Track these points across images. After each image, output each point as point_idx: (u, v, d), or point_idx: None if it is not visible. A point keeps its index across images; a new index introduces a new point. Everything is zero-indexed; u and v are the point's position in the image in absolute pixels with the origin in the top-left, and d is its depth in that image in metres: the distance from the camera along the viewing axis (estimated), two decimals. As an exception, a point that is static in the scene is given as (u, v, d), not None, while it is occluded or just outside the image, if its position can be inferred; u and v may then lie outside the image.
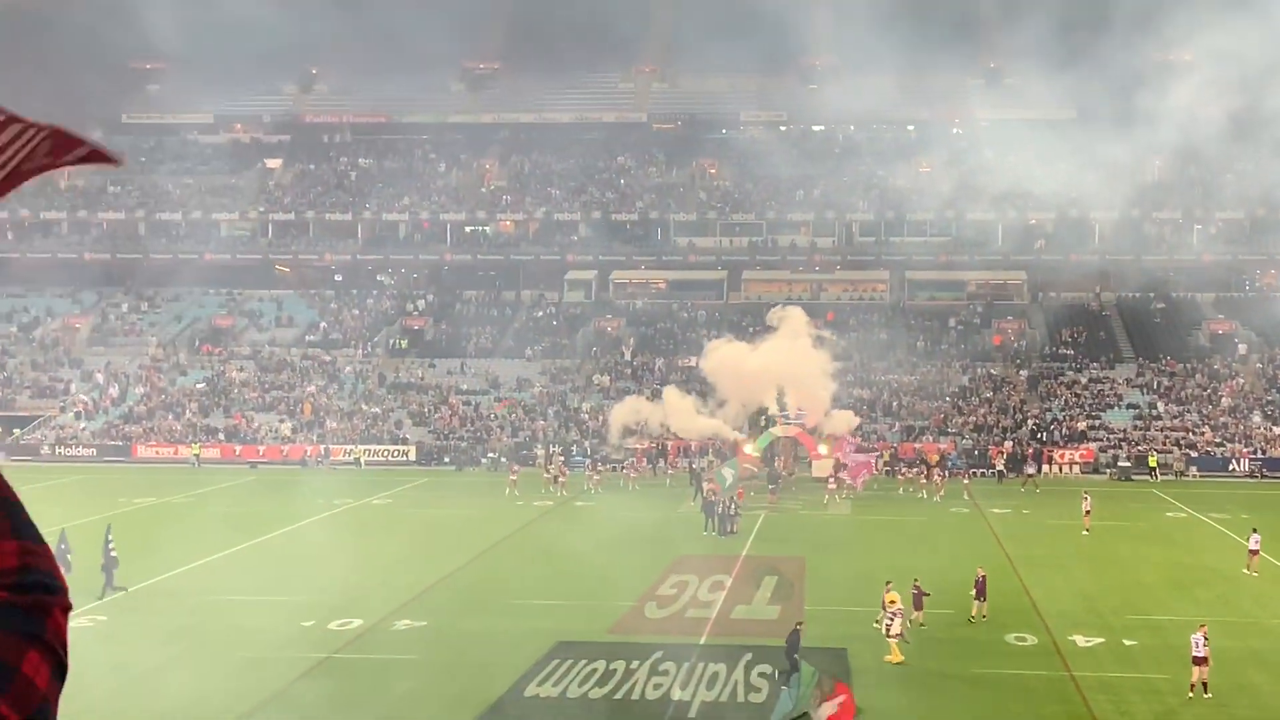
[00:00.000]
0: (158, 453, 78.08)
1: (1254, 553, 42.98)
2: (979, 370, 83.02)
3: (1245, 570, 42.76)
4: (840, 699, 20.16)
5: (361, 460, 75.41)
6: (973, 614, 36.24)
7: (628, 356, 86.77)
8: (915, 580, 36.92)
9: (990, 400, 79.67)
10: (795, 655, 29.65)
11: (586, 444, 75.67)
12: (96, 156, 2.18)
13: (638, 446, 72.21)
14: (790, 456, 68.32)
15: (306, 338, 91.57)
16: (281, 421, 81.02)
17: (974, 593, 36.51)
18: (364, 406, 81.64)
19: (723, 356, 68.64)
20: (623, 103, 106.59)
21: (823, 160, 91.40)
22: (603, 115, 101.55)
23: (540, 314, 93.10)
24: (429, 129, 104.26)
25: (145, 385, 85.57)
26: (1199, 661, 29.52)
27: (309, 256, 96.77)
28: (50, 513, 46.85)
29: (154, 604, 39.20)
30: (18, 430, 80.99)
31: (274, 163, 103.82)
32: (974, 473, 69.29)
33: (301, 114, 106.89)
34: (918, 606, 36.16)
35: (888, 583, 35.22)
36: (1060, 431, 75.57)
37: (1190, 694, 29.40)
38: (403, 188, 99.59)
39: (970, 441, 75.02)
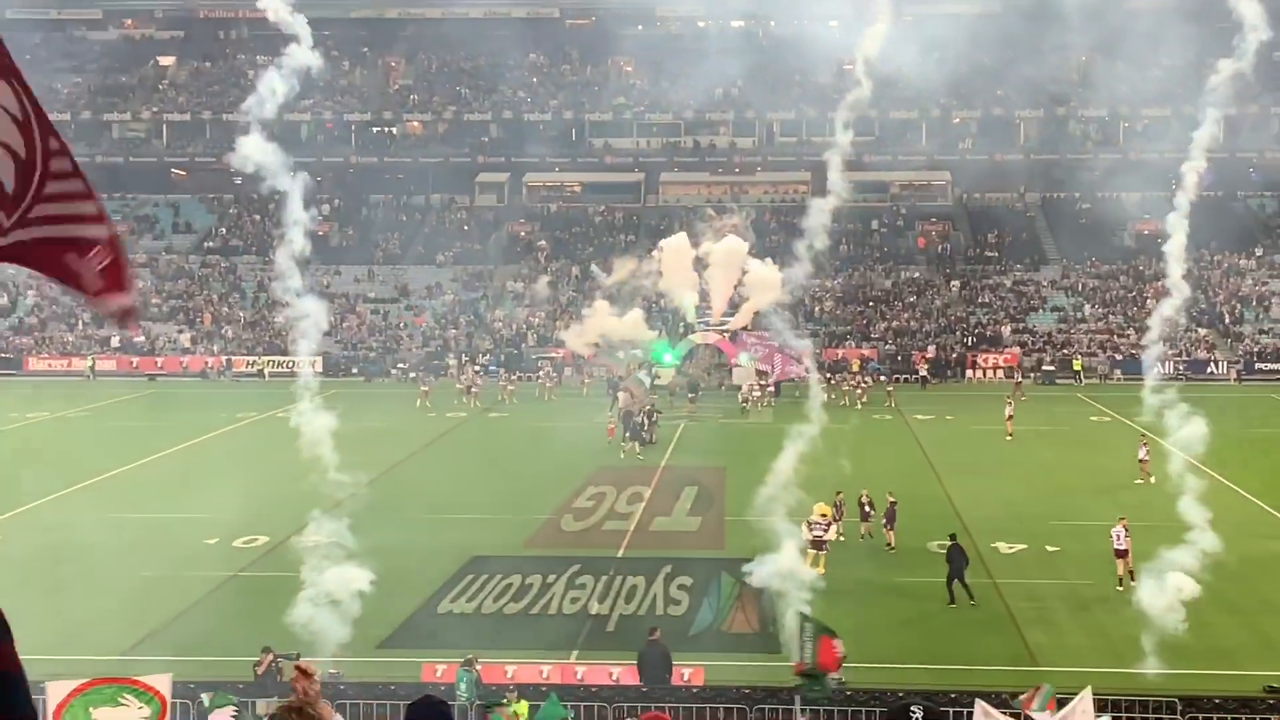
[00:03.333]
0: (50, 365, 75.25)
1: (1143, 461, 42.06)
2: (902, 274, 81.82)
3: (1138, 480, 41.67)
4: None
5: (265, 372, 73.00)
6: (887, 542, 35.04)
7: (541, 262, 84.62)
8: (864, 492, 36.38)
9: (914, 304, 78.55)
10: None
11: (500, 353, 73.71)
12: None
13: (552, 354, 70.37)
14: (710, 363, 66.92)
15: (205, 244, 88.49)
16: (180, 332, 78.29)
17: (884, 521, 35.19)
18: (266, 315, 78.97)
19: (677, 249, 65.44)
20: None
21: (742, 57, 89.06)
22: (514, 10, 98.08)
23: (451, 218, 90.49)
24: (332, 24, 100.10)
25: (36, 294, 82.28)
26: (1120, 554, 30.49)
27: (206, 159, 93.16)
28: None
29: (50, 522, 37.81)
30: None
31: (167, 60, 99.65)
32: (897, 378, 68.17)
33: (195, 9, 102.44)
34: (864, 519, 35.41)
35: (837, 493, 34.24)
36: (984, 335, 74.72)
37: (1119, 587, 30.10)
38: (304, 87, 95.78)
39: (893, 347, 73.92)
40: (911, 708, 4.96)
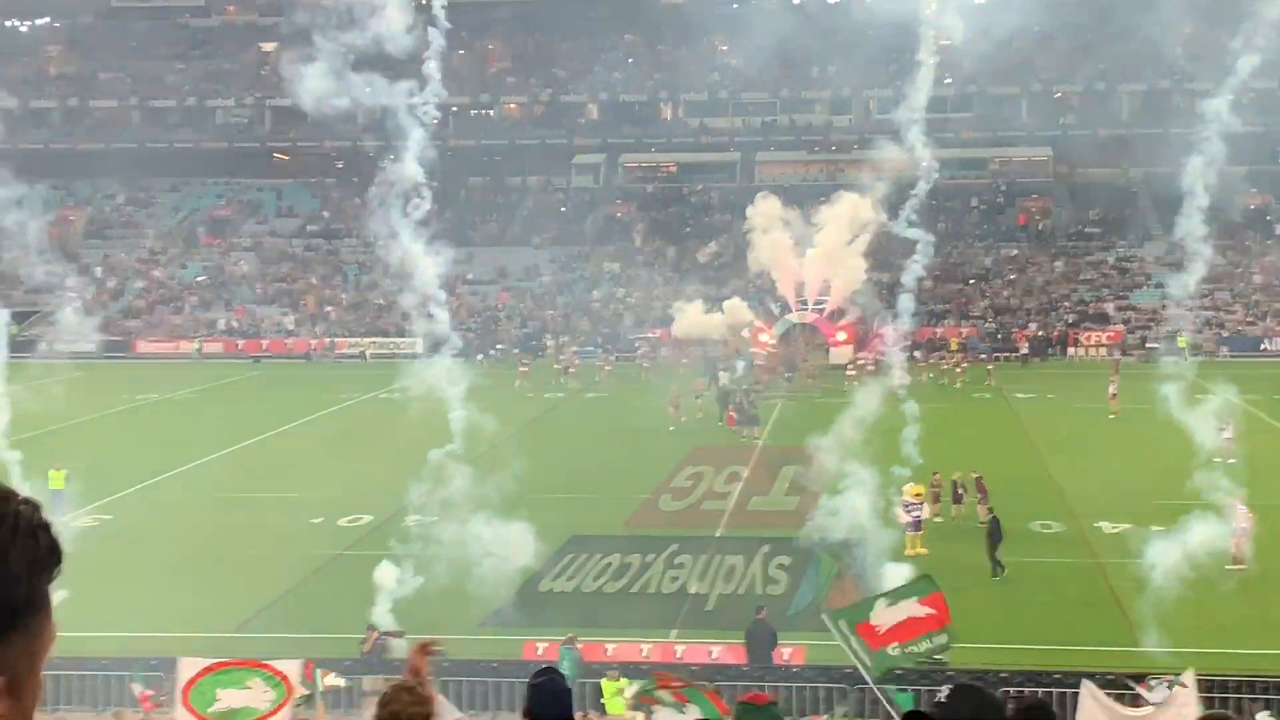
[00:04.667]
0: (159, 347, 76.61)
1: (1229, 440, 41.21)
2: (1002, 251, 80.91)
3: (1223, 459, 40.82)
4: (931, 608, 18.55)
5: (367, 353, 73.81)
6: (981, 519, 34.67)
7: (638, 243, 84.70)
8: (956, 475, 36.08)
9: (1014, 282, 77.67)
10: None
11: (597, 334, 73.94)
12: None
13: (650, 335, 70.44)
14: (807, 343, 66.58)
15: (308, 228, 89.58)
16: (284, 315, 79.39)
17: (978, 497, 34.76)
18: (369, 298, 79.83)
19: (774, 243, 65.20)
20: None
21: (839, 35, 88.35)
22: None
23: (548, 200, 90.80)
24: (429, 8, 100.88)
25: (144, 279, 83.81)
26: (1236, 534, 29.91)
27: (308, 143, 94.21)
28: (53, 411, 46.07)
29: (161, 502, 38.66)
30: (15, 326, 79.33)
31: (269, 46, 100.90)
32: (998, 357, 67.46)
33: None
34: (956, 500, 35.15)
35: (935, 474, 33.96)
36: (1087, 312, 73.75)
37: (1231, 566, 29.48)
38: (402, 71, 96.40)
39: (993, 325, 73.18)
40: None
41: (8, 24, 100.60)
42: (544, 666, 6.72)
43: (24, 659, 1.81)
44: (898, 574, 27.33)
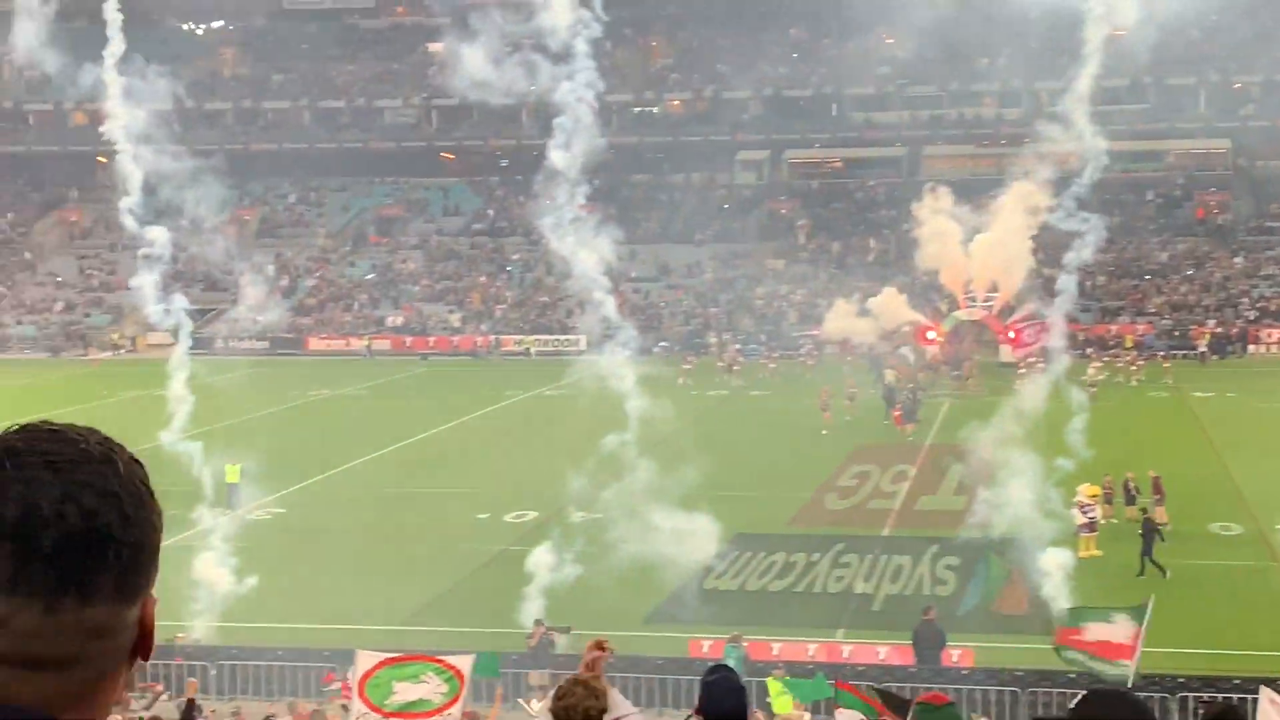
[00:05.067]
0: (329, 345, 78.16)
1: None
2: (1180, 246, 78.70)
3: None
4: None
5: (532, 350, 74.43)
6: (1159, 521, 33.59)
7: (802, 240, 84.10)
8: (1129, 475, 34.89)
9: (1192, 278, 75.49)
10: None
11: (761, 331, 73.57)
12: None
13: (814, 332, 69.80)
14: (976, 341, 65.44)
15: (473, 226, 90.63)
16: (451, 312, 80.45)
17: (1154, 497, 33.69)
18: (533, 295, 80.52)
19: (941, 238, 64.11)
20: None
21: (1008, 26, 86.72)
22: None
23: (711, 197, 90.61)
24: (593, 4, 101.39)
25: (315, 277, 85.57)
26: None
27: (474, 143, 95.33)
28: (229, 407, 47.32)
29: (331, 496, 39.38)
30: (191, 324, 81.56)
31: (436, 46, 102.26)
32: (1175, 354, 65.60)
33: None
34: (1130, 501, 34.19)
35: (1107, 476, 33.11)
36: (1268, 309, 71.38)
37: None
38: (563, 67, 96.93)
39: (1170, 322, 71.21)
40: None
41: (184, 27, 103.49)
42: (717, 664, 6.55)
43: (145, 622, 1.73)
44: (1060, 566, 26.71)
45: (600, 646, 6.00)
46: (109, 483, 1.67)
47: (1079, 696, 4.20)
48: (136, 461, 1.74)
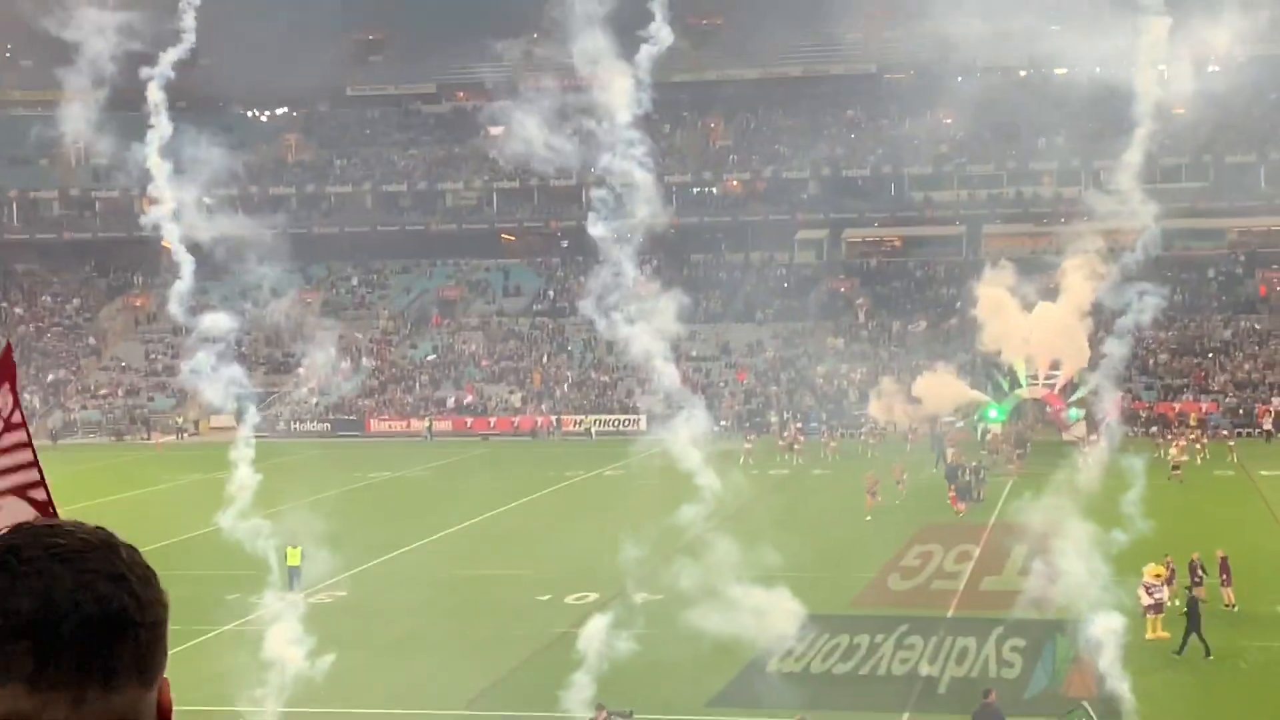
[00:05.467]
0: (390, 426, 78.63)
1: None
2: (1242, 324, 78.05)
3: None
4: None
5: (592, 430, 74.58)
6: (1225, 602, 33.09)
7: (861, 318, 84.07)
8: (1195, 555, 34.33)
9: (1255, 355, 74.79)
10: None
11: (822, 410, 73.39)
12: None
13: (876, 413, 69.49)
14: (1038, 419, 65.00)
15: (534, 307, 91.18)
16: (511, 392, 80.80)
17: (1221, 579, 33.27)
18: (593, 375, 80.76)
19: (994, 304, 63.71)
20: (851, 53, 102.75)
21: (1065, 106, 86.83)
22: (831, 67, 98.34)
23: (771, 275, 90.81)
24: (653, 88, 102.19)
25: (376, 358, 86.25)
26: None
27: (534, 224, 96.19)
28: (289, 488, 47.50)
29: (392, 578, 39.43)
30: (254, 406, 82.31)
31: (496, 130, 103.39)
32: (1239, 433, 64.90)
33: (521, 79, 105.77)
34: (1197, 581, 33.64)
35: (1167, 555, 32.66)
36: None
37: None
38: (617, 149, 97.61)
39: (1234, 400, 70.49)
40: None
41: (249, 114, 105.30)
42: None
43: None
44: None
45: None
46: (116, 567, 1.70)
47: None
48: (133, 547, 1.77)
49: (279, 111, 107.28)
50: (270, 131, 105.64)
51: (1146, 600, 31.36)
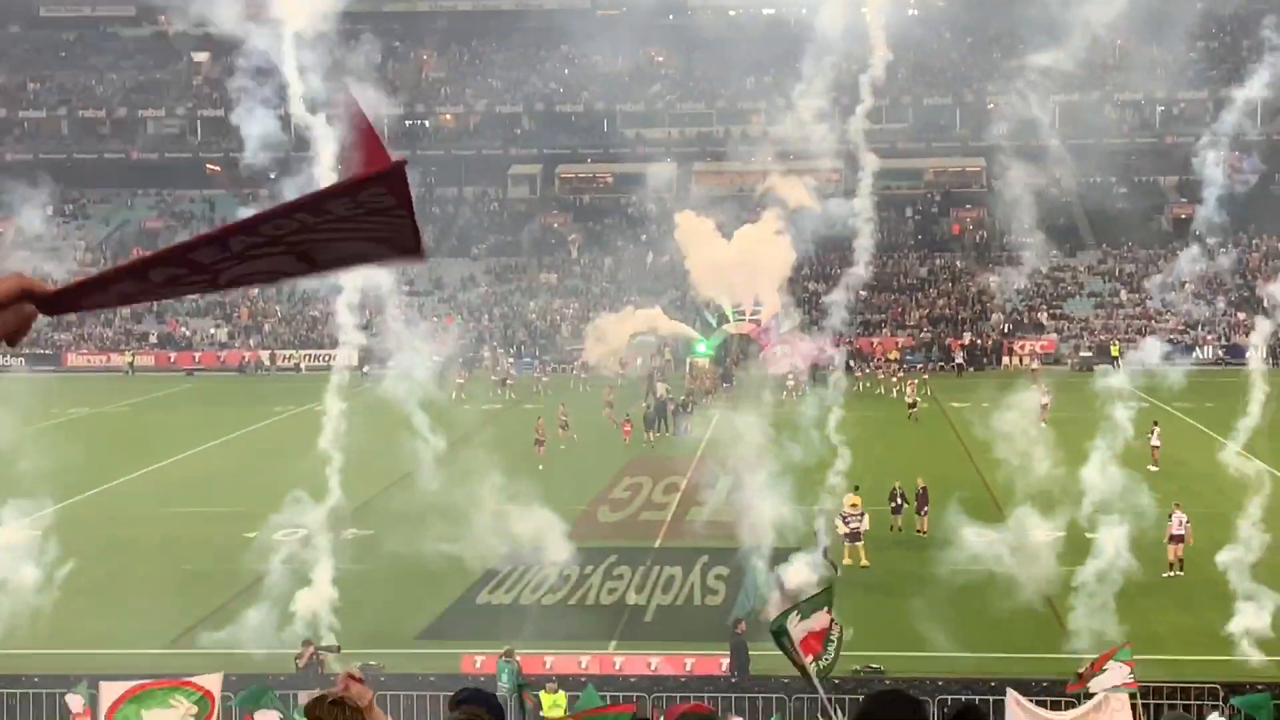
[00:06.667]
0: (89, 361, 75.69)
1: (1155, 448, 42.67)
2: (938, 261, 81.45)
3: (1150, 466, 41.39)
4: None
5: (302, 365, 73.26)
6: (918, 528, 34.83)
7: (574, 254, 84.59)
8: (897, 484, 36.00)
9: (949, 292, 78.20)
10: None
11: (534, 345, 73.78)
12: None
13: (583, 347, 70.23)
14: (743, 354, 66.66)
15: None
16: (218, 326, 78.65)
17: (915, 505, 35.09)
18: (302, 310, 79.25)
19: (694, 233, 64.90)
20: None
21: (774, 46, 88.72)
22: (544, 1, 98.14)
23: (484, 211, 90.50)
24: (364, 18, 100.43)
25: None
26: (1175, 539, 31.14)
27: (240, 154, 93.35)
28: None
29: (92, 517, 38.07)
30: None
31: (201, 57, 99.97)
32: (933, 366, 67.90)
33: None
34: (896, 511, 35.24)
35: (855, 487, 33.99)
36: (1020, 321, 74.39)
37: (1169, 571, 30.71)
38: (334, 81, 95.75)
39: (929, 335, 73.65)
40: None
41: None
42: (468, 689, 6.68)
43: None
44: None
45: (354, 678, 5.89)
46: None
47: (862, 699, 4.39)
48: None
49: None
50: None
51: (844, 529, 32.65)
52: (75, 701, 20.69)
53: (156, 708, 15.90)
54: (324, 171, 32.66)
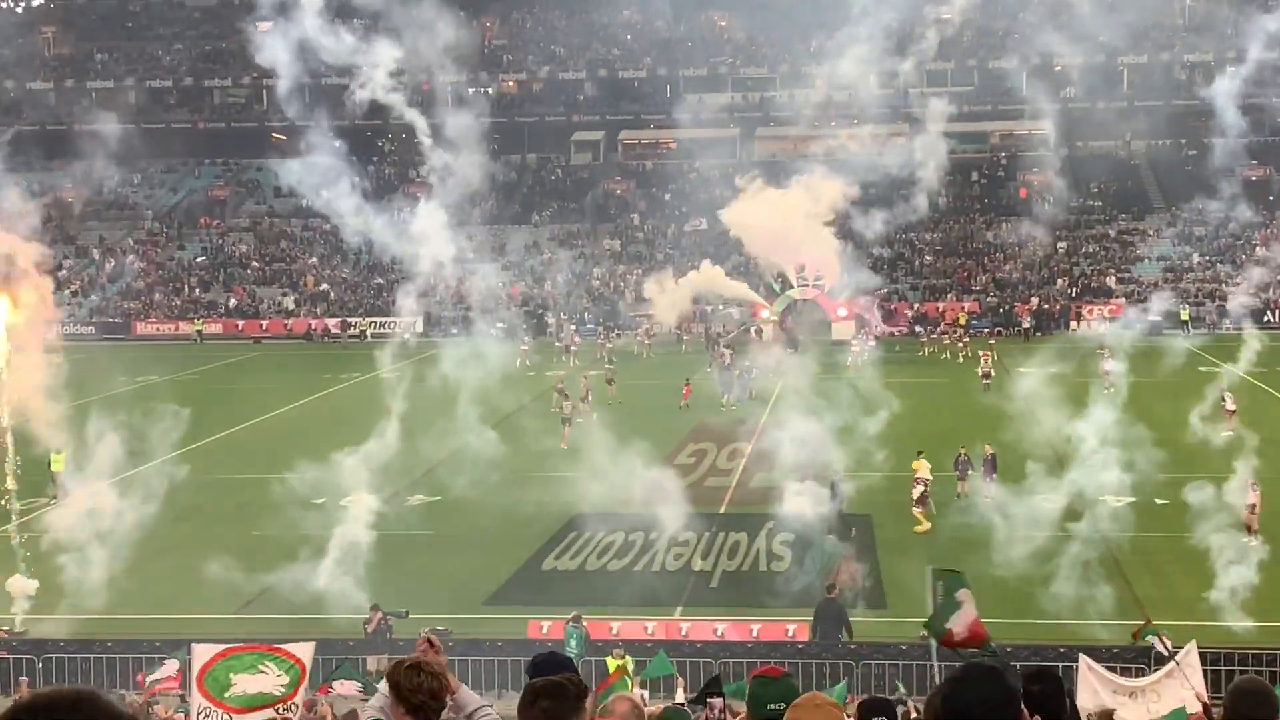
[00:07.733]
0: (158, 329, 76.48)
1: (1231, 412, 41.81)
2: (1004, 225, 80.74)
3: (1227, 431, 40.82)
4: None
5: (367, 332, 73.70)
6: (985, 494, 34.44)
7: (637, 220, 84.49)
8: (961, 449, 35.74)
9: (1016, 256, 77.53)
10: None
11: (598, 311, 73.83)
12: None
13: (650, 313, 70.24)
14: (809, 319, 66.49)
15: (306, 207, 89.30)
16: (284, 295, 79.23)
17: (985, 474, 34.71)
18: (369, 277, 79.68)
19: (748, 210, 65.00)
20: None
21: (837, 9, 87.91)
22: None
23: (547, 177, 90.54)
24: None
25: (142, 260, 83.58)
26: (1249, 508, 30.29)
27: (306, 124, 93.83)
28: (51, 394, 45.82)
29: (163, 484, 38.32)
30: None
31: (265, 26, 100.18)
32: (1000, 331, 67.37)
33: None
34: (962, 477, 35.02)
35: (919, 452, 33.79)
36: (1089, 286, 73.62)
37: (1246, 537, 29.69)
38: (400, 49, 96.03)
39: (995, 299, 73.07)
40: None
41: (2, 5, 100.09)
42: (547, 652, 6.72)
43: None
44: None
45: (431, 645, 5.97)
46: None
47: (945, 678, 4.21)
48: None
49: (35, 3, 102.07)
50: (25, 24, 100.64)
51: (915, 494, 32.57)
52: (170, 666, 20.84)
53: (246, 672, 15.96)
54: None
